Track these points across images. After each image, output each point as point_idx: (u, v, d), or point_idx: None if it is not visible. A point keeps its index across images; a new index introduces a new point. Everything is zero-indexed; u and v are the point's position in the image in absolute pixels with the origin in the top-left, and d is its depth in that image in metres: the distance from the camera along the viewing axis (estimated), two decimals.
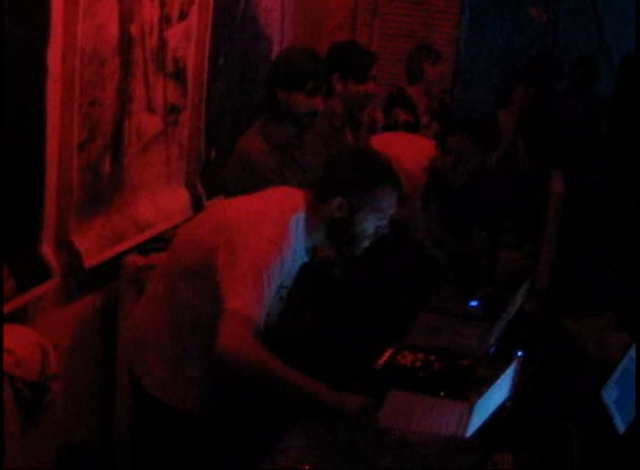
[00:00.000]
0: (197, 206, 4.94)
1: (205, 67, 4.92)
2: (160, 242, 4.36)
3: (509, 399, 2.96)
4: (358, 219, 3.08)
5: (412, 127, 5.89)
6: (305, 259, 3.16)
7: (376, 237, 3.17)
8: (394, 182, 3.13)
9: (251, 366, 2.81)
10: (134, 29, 4.08)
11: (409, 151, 4.72)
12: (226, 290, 2.88)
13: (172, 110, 4.62)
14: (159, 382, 3.17)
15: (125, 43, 4.03)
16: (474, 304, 4.26)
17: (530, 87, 6.59)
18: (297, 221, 3.06)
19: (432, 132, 6.10)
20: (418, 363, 3.60)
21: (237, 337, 2.79)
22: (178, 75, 4.63)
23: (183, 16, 4.59)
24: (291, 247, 3.01)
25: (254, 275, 2.87)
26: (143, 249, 4.28)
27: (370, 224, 3.11)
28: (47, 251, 3.64)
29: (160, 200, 4.58)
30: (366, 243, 3.17)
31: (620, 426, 3.05)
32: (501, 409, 2.94)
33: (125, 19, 4.00)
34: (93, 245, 3.96)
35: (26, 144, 3.46)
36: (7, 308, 3.31)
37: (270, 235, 2.95)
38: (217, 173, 5.15)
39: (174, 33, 4.50)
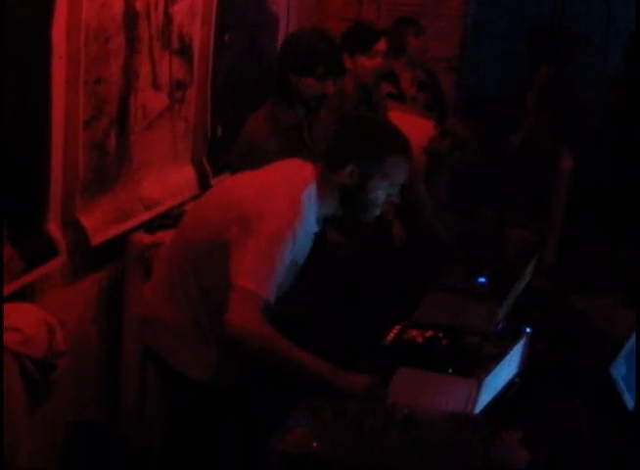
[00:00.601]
0: (203, 183, 4.92)
1: (211, 43, 4.88)
2: (167, 219, 4.35)
3: (517, 375, 2.95)
4: (370, 187, 3.07)
5: (396, 98, 5.87)
6: (316, 229, 3.15)
7: (387, 205, 3.18)
8: (406, 150, 3.13)
9: (258, 344, 2.85)
10: (139, 5, 4.05)
11: (408, 132, 4.70)
12: (237, 265, 2.89)
13: (178, 86, 4.59)
14: (181, 358, 3.18)
15: (130, 19, 4.00)
16: (482, 281, 4.24)
17: (552, 66, 6.56)
18: (309, 194, 3.06)
19: (419, 104, 6.08)
20: (426, 340, 3.58)
21: (245, 315, 2.82)
22: (184, 52, 4.60)
23: None
24: (303, 222, 3.01)
25: (267, 252, 2.89)
26: (149, 226, 4.27)
27: (382, 192, 3.10)
28: (53, 229, 3.63)
29: (166, 177, 4.56)
30: (377, 211, 3.17)
31: (630, 402, 3.05)
32: (510, 386, 2.93)
33: None
34: (99, 222, 3.95)
35: (32, 122, 3.44)
36: (14, 287, 3.30)
37: (283, 211, 2.95)
38: (224, 150, 5.13)
39: (179, 9, 4.47)
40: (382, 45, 4.91)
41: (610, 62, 7.31)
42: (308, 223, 3.07)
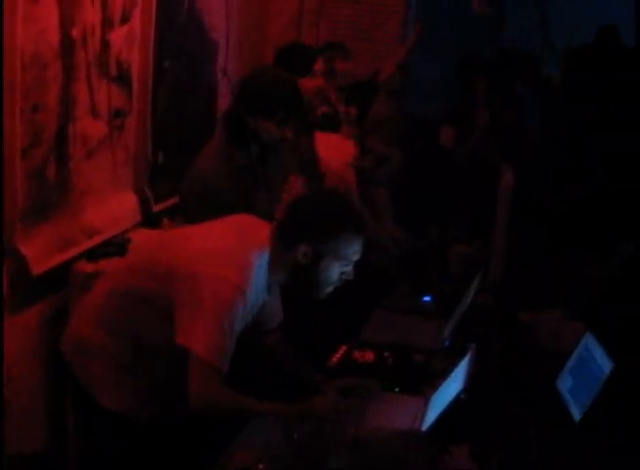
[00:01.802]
0: (146, 210, 4.90)
1: (150, 70, 4.86)
2: (110, 247, 4.31)
3: (463, 390, 2.94)
4: (323, 267, 3.02)
5: (332, 117, 5.89)
6: (266, 297, 3.12)
7: (339, 283, 3.11)
8: (360, 228, 3.07)
9: (226, 413, 2.92)
10: (75, 33, 4.03)
11: (329, 150, 4.72)
12: (187, 329, 2.88)
13: (117, 114, 4.56)
14: (107, 392, 3.12)
15: (67, 47, 3.97)
16: (427, 299, 4.25)
17: (490, 78, 6.65)
18: (261, 260, 3.02)
19: (351, 118, 6.09)
20: (372, 360, 3.58)
21: (207, 391, 2.86)
22: (122, 79, 4.58)
23: (125, 19, 4.54)
24: (253, 289, 2.98)
25: (220, 322, 2.87)
26: (92, 255, 4.22)
27: (335, 271, 3.05)
28: None
29: (108, 205, 4.52)
30: (329, 289, 3.12)
31: (576, 414, 3.06)
32: (456, 402, 2.93)
33: (66, 22, 3.94)
34: (40, 252, 3.90)
35: None
36: None
37: (235, 279, 2.90)
38: (166, 177, 5.11)
39: (117, 36, 4.45)
40: (319, 65, 4.92)
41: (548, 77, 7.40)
42: (258, 290, 3.04)
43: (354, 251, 3.05)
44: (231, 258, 2.95)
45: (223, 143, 3.89)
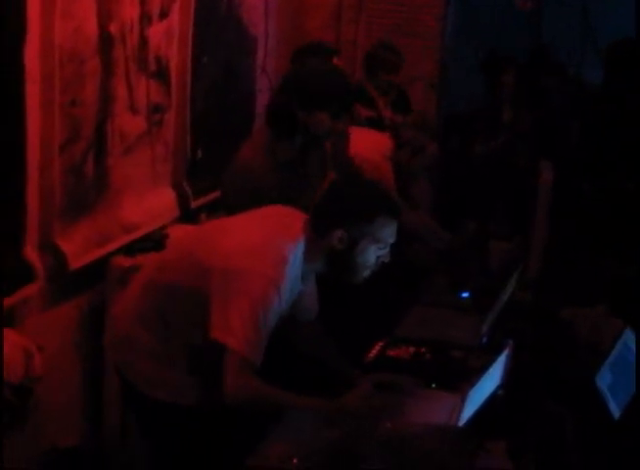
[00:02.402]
0: (184, 206, 4.90)
1: (189, 65, 4.87)
2: (147, 242, 4.32)
3: (500, 387, 2.92)
4: (359, 251, 3.02)
5: (375, 122, 5.85)
6: (301, 287, 3.12)
7: (377, 267, 3.11)
8: (394, 211, 3.08)
9: (260, 405, 2.92)
10: (114, 28, 4.04)
11: (365, 142, 4.70)
12: (223, 323, 2.88)
13: (156, 109, 4.57)
14: (150, 381, 3.14)
15: (105, 42, 3.99)
16: (465, 295, 4.22)
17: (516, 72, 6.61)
18: (296, 252, 3.02)
19: (397, 125, 6.06)
20: (409, 356, 3.56)
21: (242, 384, 2.87)
22: (161, 74, 4.59)
23: (164, 14, 4.55)
24: (289, 282, 2.98)
25: (254, 316, 2.87)
26: (130, 250, 4.24)
27: (371, 254, 3.05)
28: (31, 254, 3.60)
29: (146, 201, 4.53)
30: (367, 273, 3.12)
31: (616, 411, 3.02)
32: (493, 398, 2.90)
33: (104, 17, 3.96)
34: (78, 247, 3.92)
35: (7, 146, 3.41)
36: None
37: (270, 273, 2.91)
38: (205, 173, 5.12)
39: (155, 32, 4.46)
40: (336, 62, 4.93)
41: (587, 74, 7.34)
42: (293, 282, 3.03)
43: (389, 233, 3.06)
44: (266, 252, 2.95)
45: (267, 138, 3.87)
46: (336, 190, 3.18)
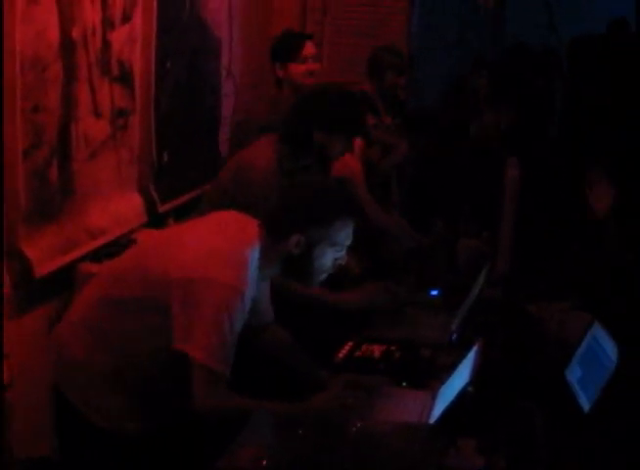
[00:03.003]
0: (151, 210, 4.88)
1: (152, 69, 4.85)
2: (115, 248, 4.29)
3: (469, 383, 2.91)
4: (316, 255, 3.01)
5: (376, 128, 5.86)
6: (256, 293, 3.08)
7: (334, 270, 3.11)
8: (351, 213, 3.06)
9: (231, 415, 2.87)
10: (76, 33, 4.01)
11: None
12: (188, 335, 2.83)
13: (120, 114, 4.55)
14: (93, 405, 3.06)
15: (67, 47, 3.96)
16: (434, 293, 4.23)
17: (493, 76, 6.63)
18: (254, 257, 2.99)
19: (391, 129, 6.05)
20: (378, 355, 3.55)
21: (211, 396, 2.84)
22: (124, 79, 4.56)
23: (127, 18, 4.53)
24: (250, 288, 2.95)
25: (219, 326, 2.83)
26: (96, 256, 4.21)
27: (328, 258, 3.04)
28: None
29: (112, 206, 4.50)
30: (324, 276, 3.12)
31: (585, 405, 3.02)
32: (463, 395, 2.89)
33: (66, 22, 3.92)
34: (44, 253, 3.88)
35: None
36: None
37: (232, 280, 2.87)
38: (171, 177, 5.10)
39: (118, 36, 4.44)
40: (309, 49, 5.09)
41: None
42: (252, 287, 3.00)
43: (347, 235, 3.05)
44: (225, 259, 2.91)
45: (276, 147, 3.93)
46: (293, 194, 3.14)
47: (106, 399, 3.05)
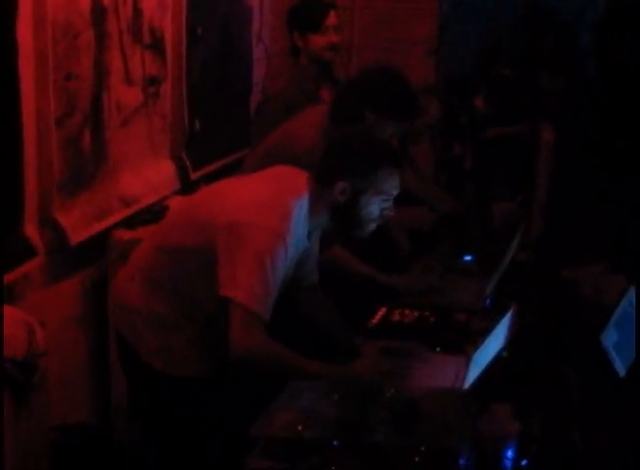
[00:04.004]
0: (183, 178, 4.89)
1: (184, 36, 4.83)
2: (148, 215, 4.30)
3: (504, 348, 2.91)
4: (363, 203, 3.03)
5: None
6: (306, 244, 3.12)
7: (382, 219, 3.12)
8: (397, 162, 3.09)
9: (266, 363, 2.90)
10: (106, 0, 4.01)
11: None
12: (230, 278, 2.88)
13: (152, 81, 4.54)
14: (153, 350, 3.13)
15: (98, 14, 3.96)
16: (468, 258, 4.21)
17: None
18: (301, 207, 3.02)
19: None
20: (413, 320, 3.55)
21: (252, 338, 2.85)
22: (156, 46, 4.56)
23: None
24: (294, 236, 2.98)
25: (261, 269, 2.86)
26: (130, 223, 4.22)
27: (375, 207, 3.06)
28: (30, 229, 3.58)
29: (145, 173, 4.51)
30: (372, 226, 3.13)
31: (621, 369, 3.01)
32: (497, 360, 2.89)
33: None
34: (78, 221, 3.90)
35: (2, 123, 3.38)
36: None
37: (275, 227, 2.90)
38: (203, 144, 5.10)
39: (149, 3, 4.43)
40: (332, 19, 4.82)
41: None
42: (299, 237, 3.03)
43: (393, 184, 3.07)
44: (270, 206, 2.95)
45: (324, 121, 3.88)
46: (338, 143, 3.17)
47: (166, 341, 3.11)
